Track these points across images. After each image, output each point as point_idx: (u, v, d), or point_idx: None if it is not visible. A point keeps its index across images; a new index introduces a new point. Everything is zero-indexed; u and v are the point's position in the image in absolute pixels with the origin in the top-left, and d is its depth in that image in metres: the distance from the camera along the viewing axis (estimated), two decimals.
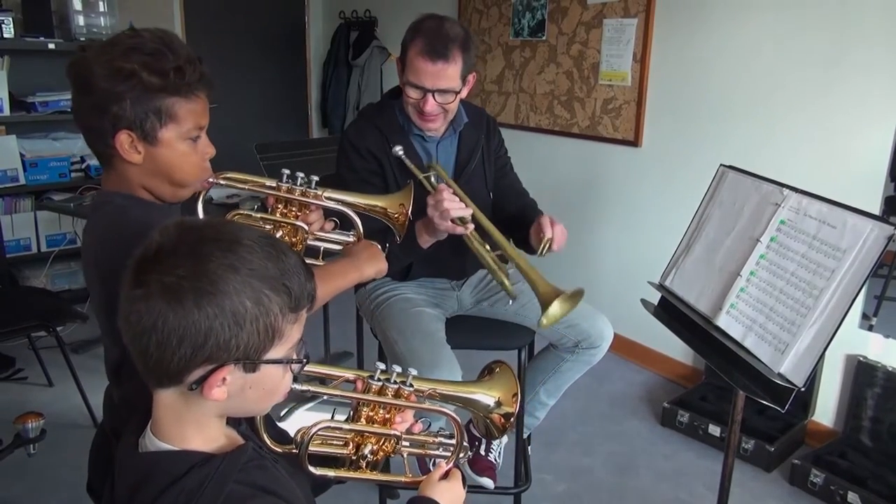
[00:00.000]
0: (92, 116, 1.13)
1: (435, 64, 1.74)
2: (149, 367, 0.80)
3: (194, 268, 0.76)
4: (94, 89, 1.10)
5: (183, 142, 1.17)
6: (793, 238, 1.47)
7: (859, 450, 2.45)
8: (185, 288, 0.76)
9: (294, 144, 3.17)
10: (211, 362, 0.79)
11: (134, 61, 1.09)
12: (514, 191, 2.11)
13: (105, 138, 1.13)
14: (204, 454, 0.83)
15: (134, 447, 0.86)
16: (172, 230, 0.80)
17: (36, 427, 2.14)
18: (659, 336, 3.10)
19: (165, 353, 0.77)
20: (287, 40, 4.96)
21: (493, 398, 1.09)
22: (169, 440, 0.84)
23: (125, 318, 0.79)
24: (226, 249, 0.78)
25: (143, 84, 1.10)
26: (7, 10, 3.34)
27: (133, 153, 1.15)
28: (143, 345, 0.78)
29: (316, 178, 1.32)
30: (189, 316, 0.76)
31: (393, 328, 1.88)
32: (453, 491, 1.05)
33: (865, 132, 2.41)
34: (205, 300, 0.76)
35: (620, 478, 2.47)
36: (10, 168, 3.40)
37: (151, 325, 0.76)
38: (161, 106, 1.13)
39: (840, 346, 2.54)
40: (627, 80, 3.12)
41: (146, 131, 1.13)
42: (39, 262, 3.58)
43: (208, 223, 0.83)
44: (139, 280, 0.77)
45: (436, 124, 1.88)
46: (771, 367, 1.40)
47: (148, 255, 0.78)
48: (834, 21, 2.44)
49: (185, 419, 0.84)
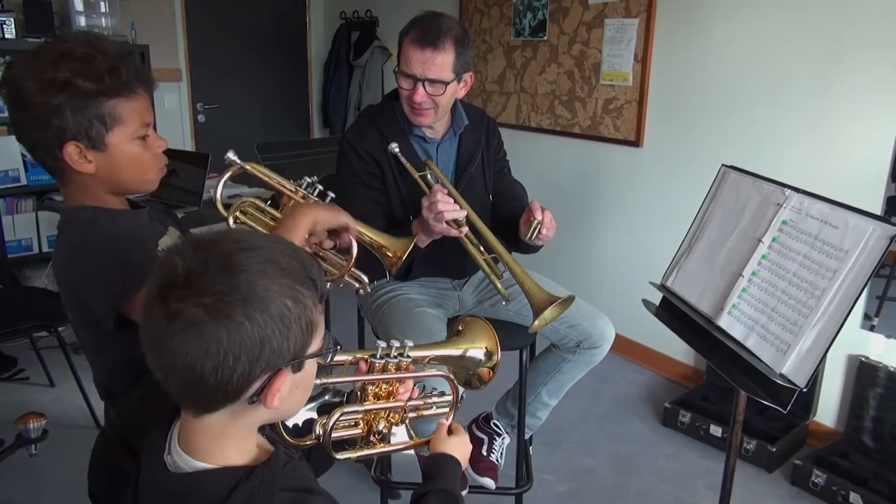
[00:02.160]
0: (34, 132, 1.09)
1: (424, 51, 1.74)
2: (203, 395, 0.77)
3: (232, 281, 0.74)
4: (29, 104, 1.06)
5: (132, 142, 1.14)
6: (794, 238, 1.47)
7: (861, 450, 2.45)
8: (231, 304, 0.73)
9: (295, 144, 3.17)
10: (267, 371, 0.78)
11: (65, 70, 1.06)
12: (510, 195, 2.09)
13: (52, 152, 1.10)
14: (245, 468, 0.81)
15: (163, 467, 0.84)
16: (190, 251, 0.76)
17: (37, 427, 2.14)
18: (660, 336, 3.10)
19: (223, 374, 0.75)
20: (288, 40, 4.96)
21: (482, 349, 1.12)
22: (206, 458, 0.82)
23: (169, 355, 0.75)
24: (252, 256, 0.76)
25: (79, 92, 1.06)
26: (8, 10, 3.34)
27: (84, 163, 1.12)
28: (198, 374, 0.74)
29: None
30: (241, 330, 0.74)
31: (395, 328, 1.88)
32: (463, 444, 1.11)
33: (867, 132, 2.41)
34: (253, 310, 0.74)
35: (622, 478, 2.47)
36: (11, 168, 3.40)
37: (204, 352, 0.73)
38: (102, 110, 1.09)
39: (842, 347, 2.54)
40: (629, 80, 3.12)
41: (93, 139, 1.10)
42: (41, 262, 3.58)
43: (219, 235, 0.80)
44: (174, 310, 0.73)
45: (426, 119, 1.85)
46: (773, 367, 1.40)
47: (175, 283, 0.74)
48: (835, 21, 2.44)
49: (229, 436, 0.82)
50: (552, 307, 1.63)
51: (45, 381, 2.98)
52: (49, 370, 2.99)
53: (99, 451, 1.29)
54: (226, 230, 0.83)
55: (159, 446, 0.85)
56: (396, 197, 1.90)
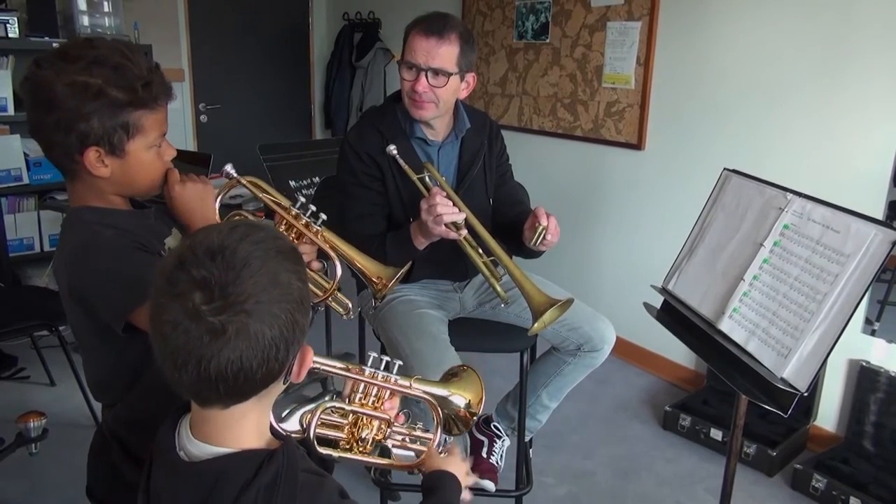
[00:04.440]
0: (56, 134, 1.09)
1: (429, 39, 1.75)
2: (247, 388, 0.79)
3: (259, 280, 0.77)
4: (57, 107, 1.07)
5: (148, 151, 1.17)
6: (796, 242, 1.47)
7: (861, 455, 2.45)
8: (266, 301, 0.76)
9: (297, 146, 3.16)
10: (297, 349, 0.83)
11: (98, 76, 1.06)
12: (512, 199, 2.09)
13: (71, 154, 1.11)
14: (265, 451, 0.84)
15: (179, 460, 0.85)
16: (207, 260, 0.76)
17: (38, 426, 2.15)
18: (661, 340, 3.10)
19: (269, 365, 0.78)
20: (291, 41, 4.97)
21: (465, 399, 1.16)
22: (223, 443, 0.83)
23: (215, 366, 0.75)
24: (260, 246, 0.79)
25: (111, 101, 1.08)
26: (12, 9, 3.35)
27: (100, 167, 1.13)
28: (246, 372, 0.77)
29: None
30: (278, 321, 0.78)
31: (396, 330, 1.88)
32: (458, 463, 1.12)
33: (869, 137, 2.41)
34: (282, 300, 0.78)
35: (622, 481, 2.46)
36: (13, 167, 3.40)
37: (253, 351, 0.76)
38: (128, 120, 1.11)
39: (843, 351, 2.54)
40: (631, 83, 3.12)
41: (114, 145, 1.11)
42: (42, 261, 3.57)
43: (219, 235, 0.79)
44: (217, 325, 0.74)
45: (427, 112, 1.83)
46: (774, 371, 1.39)
47: (208, 298, 0.75)
48: (838, 25, 2.44)
49: (249, 418, 0.84)
50: (551, 310, 1.64)
51: (45, 381, 2.98)
52: (49, 369, 2.99)
53: (96, 449, 1.29)
54: (215, 226, 0.84)
55: (170, 445, 0.86)
56: (396, 199, 1.90)
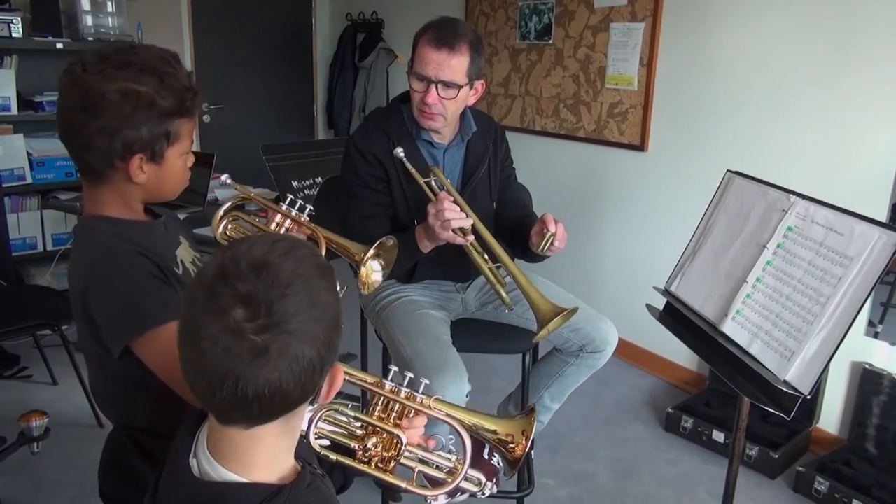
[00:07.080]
0: (99, 139, 1.07)
1: (440, 52, 1.74)
2: (281, 408, 0.77)
3: (303, 298, 0.74)
4: (105, 112, 1.05)
5: (180, 157, 1.17)
6: (800, 245, 1.46)
7: (864, 458, 2.44)
8: (309, 321, 0.74)
9: (300, 146, 3.17)
10: (329, 369, 0.80)
11: (148, 85, 1.06)
12: (515, 202, 2.09)
13: (110, 160, 1.10)
14: (273, 486, 0.80)
15: (188, 470, 0.83)
16: (252, 276, 0.73)
17: (40, 425, 2.14)
18: (663, 341, 3.09)
19: (306, 386, 0.76)
20: (294, 41, 4.97)
21: (501, 434, 1.14)
22: (237, 468, 0.80)
23: (253, 385, 0.72)
24: (301, 261, 0.76)
25: (160, 110, 1.08)
26: (16, 9, 3.35)
27: (140, 174, 1.13)
28: (283, 392, 0.74)
29: None
30: (317, 341, 0.75)
31: (398, 330, 1.88)
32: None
33: (873, 139, 2.40)
34: (323, 318, 0.76)
35: (623, 483, 2.46)
36: (17, 167, 3.41)
37: (292, 371, 0.73)
38: (171, 128, 1.12)
39: (846, 354, 2.53)
40: (634, 85, 3.12)
41: (155, 153, 1.12)
42: (45, 260, 3.58)
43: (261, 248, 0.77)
44: (261, 344, 0.71)
45: (436, 122, 1.84)
46: (777, 374, 1.39)
47: (252, 315, 0.72)
48: (842, 27, 2.43)
49: (266, 442, 0.80)
50: (556, 318, 1.64)
51: (47, 380, 2.98)
52: (52, 368, 2.99)
53: (111, 450, 1.29)
54: (255, 238, 0.80)
55: (186, 447, 0.84)
56: (401, 201, 1.90)
